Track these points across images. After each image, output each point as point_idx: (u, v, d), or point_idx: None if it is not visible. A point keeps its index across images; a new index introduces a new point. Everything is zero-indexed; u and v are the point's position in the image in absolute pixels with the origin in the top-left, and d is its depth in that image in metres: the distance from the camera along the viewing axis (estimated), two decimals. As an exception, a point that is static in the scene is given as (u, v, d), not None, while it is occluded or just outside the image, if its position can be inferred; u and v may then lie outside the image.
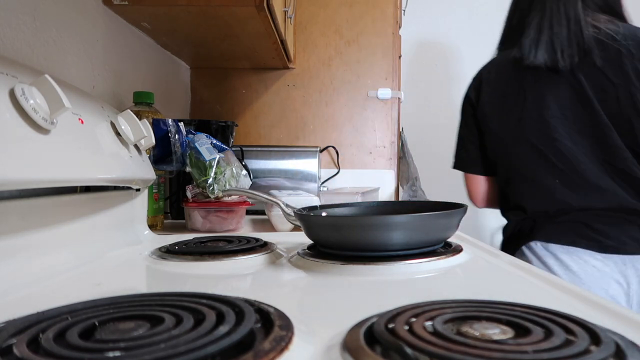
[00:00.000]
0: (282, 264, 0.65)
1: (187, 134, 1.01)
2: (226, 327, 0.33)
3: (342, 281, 0.56)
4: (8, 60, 0.54)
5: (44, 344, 0.31)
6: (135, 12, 1.06)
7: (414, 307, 0.39)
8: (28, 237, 0.55)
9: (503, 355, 0.29)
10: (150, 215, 0.96)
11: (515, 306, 0.38)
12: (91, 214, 0.69)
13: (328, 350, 0.34)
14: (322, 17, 1.65)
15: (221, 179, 0.98)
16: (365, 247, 0.61)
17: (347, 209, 0.80)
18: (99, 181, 0.65)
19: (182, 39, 1.29)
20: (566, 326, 0.34)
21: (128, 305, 0.40)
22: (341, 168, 1.64)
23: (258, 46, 1.34)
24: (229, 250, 0.69)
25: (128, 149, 0.75)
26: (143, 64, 1.23)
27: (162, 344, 0.30)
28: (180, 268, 0.63)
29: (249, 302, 0.40)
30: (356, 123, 1.67)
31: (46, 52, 0.80)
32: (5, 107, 0.47)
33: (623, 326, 0.38)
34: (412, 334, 0.32)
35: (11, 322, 0.37)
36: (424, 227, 0.62)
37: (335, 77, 1.66)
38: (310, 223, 0.67)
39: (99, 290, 0.53)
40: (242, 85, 1.67)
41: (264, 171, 1.37)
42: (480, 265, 0.64)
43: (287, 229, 0.99)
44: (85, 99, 0.68)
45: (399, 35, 1.67)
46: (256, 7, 1.00)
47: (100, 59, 1.00)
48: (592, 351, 0.30)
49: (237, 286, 0.58)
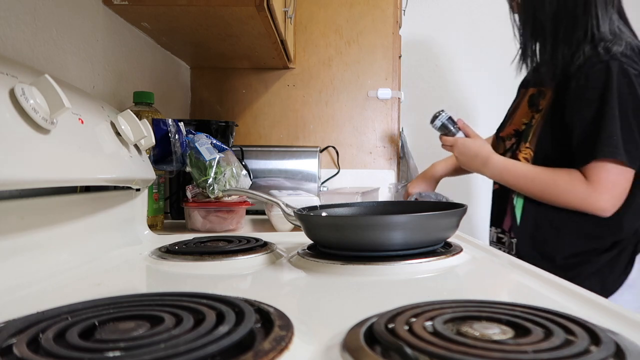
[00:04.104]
0: (282, 264, 0.65)
1: (187, 134, 1.01)
2: (226, 327, 0.33)
3: (342, 281, 0.56)
4: (8, 60, 0.54)
5: (44, 344, 0.31)
6: (135, 12, 1.06)
7: (414, 307, 0.39)
8: (28, 237, 0.55)
9: (503, 355, 0.29)
10: (150, 215, 0.96)
11: (515, 306, 0.38)
12: (91, 214, 0.69)
13: (328, 350, 0.34)
14: (322, 17, 1.65)
15: (221, 179, 0.98)
16: (365, 247, 0.61)
17: (347, 209, 0.80)
18: (99, 181, 0.65)
19: (182, 39, 1.29)
20: (566, 326, 0.34)
21: (128, 305, 0.40)
22: (341, 168, 1.64)
23: (258, 46, 1.34)
24: (229, 250, 0.69)
25: (128, 149, 0.75)
26: (143, 64, 1.23)
27: (162, 344, 0.30)
28: (180, 268, 0.63)
29: (249, 302, 0.40)
30: (356, 123, 1.67)
31: (46, 52, 0.80)
32: (5, 107, 0.47)
33: (623, 326, 0.38)
34: (412, 334, 0.32)
35: (11, 322, 0.37)
36: (424, 227, 0.62)
37: (335, 77, 1.66)
38: (310, 223, 0.67)
39: (99, 290, 0.53)
40: (242, 85, 1.67)
41: (264, 171, 1.37)
42: (480, 266, 0.64)
43: (287, 229, 0.99)
44: (85, 99, 0.68)
45: (399, 35, 1.66)
46: (256, 7, 1.00)
47: (100, 59, 1.00)
48: (592, 351, 0.30)
49: (237, 286, 0.58)
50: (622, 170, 1.02)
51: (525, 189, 1.15)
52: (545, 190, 1.11)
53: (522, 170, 1.15)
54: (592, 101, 1.04)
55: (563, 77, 1.11)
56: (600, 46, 1.05)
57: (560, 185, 1.08)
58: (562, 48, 1.10)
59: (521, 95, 1.30)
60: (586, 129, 1.04)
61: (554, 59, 1.12)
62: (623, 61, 1.02)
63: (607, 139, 1.01)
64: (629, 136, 1.01)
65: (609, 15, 1.08)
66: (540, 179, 1.11)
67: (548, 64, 1.14)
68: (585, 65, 1.06)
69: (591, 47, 1.07)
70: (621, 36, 1.07)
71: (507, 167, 1.17)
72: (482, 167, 1.20)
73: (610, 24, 1.08)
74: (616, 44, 1.05)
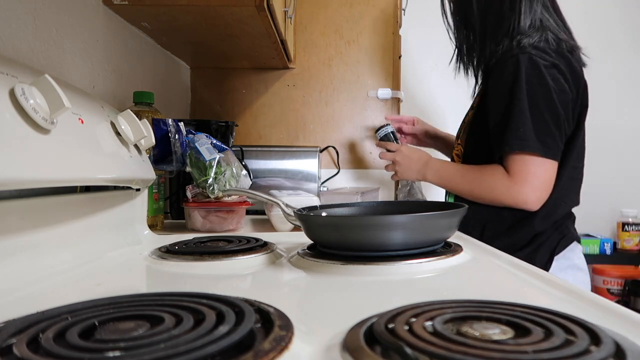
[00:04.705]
0: (282, 264, 0.65)
1: (187, 134, 1.01)
2: (226, 327, 0.33)
3: (342, 281, 0.56)
4: (8, 60, 0.54)
5: (44, 344, 0.31)
6: (135, 12, 1.06)
7: (414, 307, 0.39)
8: (28, 237, 0.55)
9: (503, 356, 0.29)
10: (150, 215, 0.96)
11: (515, 306, 0.38)
12: (91, 214, 0.69)
13: (328, 350, 0.34)
14: (322, 17, 1.65)
15: (221, 179, 0.98)
16: (365, 247, 0.61)
17: (347, 209, 0.80)
18: (99, 181, 0.65)
19: (182, 39, 1.29)
20: (566, 326, 0.34)
21: (128, 305, 0.40)
22: (341, 168, 1.64)
23: (258, 46, 1.34)
24: (229, 250, 0.69)
25: (128, 148, 0.75)
26: (143, 64, 1.23)
27: (162, 344, 0.30)
28: (180, 268, 0.63)
29: (249, 302, 0.40)
30: (356, 123, 1.67)
31: (46, 52, 0.80)
32: (5, 107, 0.47)
33: (623, 326, 0.38)
34: (412, 334, 0.32)
35: (11, 322, 0.37)
36: (424, 227, 0.62)
37: (335, 77, 1.66)
38: (310, 223, 0.67)
39: (99, 290, 0.53)
40: (242, 85, 1.67)
41: (264, 171, 1.37)
42: (480, 265, 0.64)
43: (287, 229, 0.99)
44: (85, 99, 0.68)
45: (399, 35, 1.66)
46: (256, 7, 1.00)
47: (100, 59, 1.00)
48: (592, 351, 0.30)
49: (237, 286, 0.58)
50: (539, 162, 1.01)
51: (457, 189, 1.15)
52: (474, 188, 1.11)
53: (452, 170, 1.17)
54: (503, 95, 1.04)
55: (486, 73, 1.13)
56: (514, 40, 1.06)
57: (485, 181, 1.08)
58: (489, 44, 1.12)
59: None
60: (498, 123, 1.05)
61: (482, 57, 1.14)
62: (532, 53, 1.02)
63: (515, 131, 1.01)
64: (541, 127, 1.01)
65: (533, 9, 1.08)
66: (468, 177, 1.12)
67: (477, 63, 1.17)
68: (500, 60, 1.07)
69: (509, 41, 1.07)
70: (541, 29, 1.06)
71: (443, 167, 1.18)
72: (424, 168, 1.20)
73: (532, 16, 1.08)
74: (528, 37, 1.05)
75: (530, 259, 1.06)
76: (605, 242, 2.45)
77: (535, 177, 1.02)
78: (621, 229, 2.47)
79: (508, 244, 1.06)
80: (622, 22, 2.55)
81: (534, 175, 1.02)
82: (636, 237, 2.46)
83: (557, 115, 1.02)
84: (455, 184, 1.14)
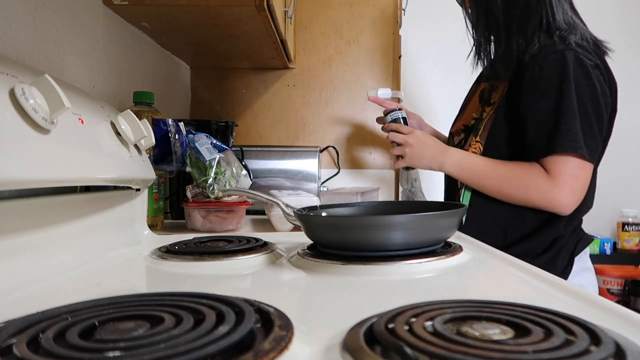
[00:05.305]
0: (282, 264, 0.65)
1: (187, 134, 1.01)
2: (226, 327, 0.33)
3: (342, 281, 0.56)
4: (8, 60, 0.54)
5: (44, 344, 0.31)
6: (135, 12, 1.06)
7: (414, 307, 0.39)
8: (28, 237, 0.55)
9: (503, 356, 0.29)
10: (150, 215, 0.96)
11: (515, 306, 0.38)
12: (91, 214, 0.69)
13: (328, 350, 0.34)
14: (322, 17, 1.65)
15: (221, 179, 0.98)
16: (365, 247, 0.61)
17: (347, 209, 0.80)
18: (99, 181, 0.65)
19: (182, 39, 1.29)
20: (566, 326, 0.34)
21: (128, 305, 0.40)
22: (341, 168, 1.64)
23: (258, 46, 1.34)
24: (229, 250, 0.69)
25: (128, 148, 0.75)
26: (143, 64, 1.23)
27: (162, 344, 0.30)
28: (180, 268, 0.63)
29: (249, 302, 0.40)
30: (356, 123, 1.67)
31: (46, 52, 0.80)
32: (5, 107, 0.47)
33: (623, 326, 0.38)
34: (412, 334, 0.32)
35: (11, 322, 0.37)
36: (424, 227, 0.62)
37: (335, 77, 1.66)
38: (310, 223, 0.67)
39: (99, 290, 0.53)
40: (242, 85, 1.67)
41: (264, 171, 1.37)
42: (480, 266, 0.64)
43: (287, 229, 0.99)
44: (85, 99, 0.68)
45: (399, 35, 1.66)
46: (256, 7, 1.00)
47: (100, 59, 1.00)
48: (592, 351, 0.30)
49: (237, 286, 0.58)
50: (582, 165, 0.97)
51: (482, 183, 1.07)
52: (504, 185, 1.03)
53: (479, 163, 1.07)
54: (548, 92, 0.99)
55: (517, 69, 1.07)
56: (555, 35, 1.02)
57: (520, 179, 1.01)
58: (516, 39, 1.06)
59: (473, 91, 1.27)
60: (543, 122, 0.99)
61: (509, 51, 1.07)
62: (579, 51, 0.98)
63: (567, 132, 0.95)
64: (588, 130, 0.97)
65: (562, 4, 1.05)
66: (498, 172, 1.04)
67: (503, 57, 1.09)
68: (540, 55, 1.01)
69: (546, 37, 1.03)
70: (575, 26, 1.03)
71: (467, 158, 1.09)
72: (441, 156, 1.10)
73: (563, 13, 1.04)
74: (572, 34, 1.01)
75: (553, 263, 1.03)
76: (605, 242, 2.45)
77: (577, 180, 0.98)
78: (621, 229, 2.47)
79: (528, 249, 1.03)
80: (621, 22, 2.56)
81: (575, 179, 0.97)
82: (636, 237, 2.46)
83: (602, 118, 0.99)
84: (482, 178, 1.06)
